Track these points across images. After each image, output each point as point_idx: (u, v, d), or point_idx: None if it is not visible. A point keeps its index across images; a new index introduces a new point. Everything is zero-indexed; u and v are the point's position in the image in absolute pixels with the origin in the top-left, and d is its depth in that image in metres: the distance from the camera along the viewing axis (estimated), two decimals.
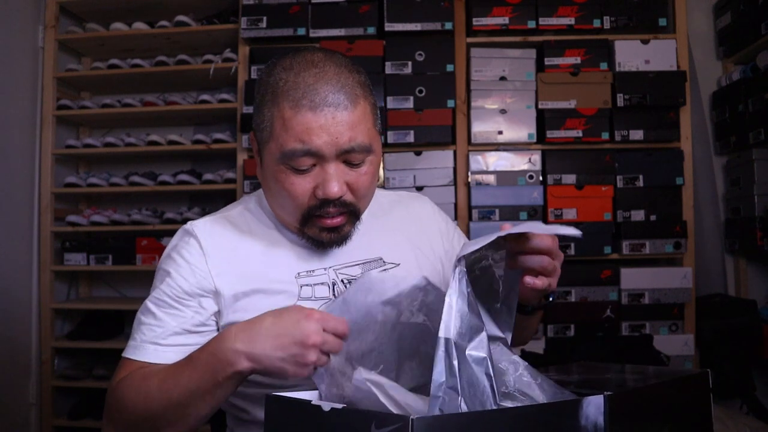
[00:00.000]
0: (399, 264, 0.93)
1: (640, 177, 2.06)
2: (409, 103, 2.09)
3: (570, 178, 2.07)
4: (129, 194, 2.47)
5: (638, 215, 2.05)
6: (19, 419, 2.24)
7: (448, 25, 2.11)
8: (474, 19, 2.10)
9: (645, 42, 2.09)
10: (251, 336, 0.70)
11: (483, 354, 0.60)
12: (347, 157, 0.80)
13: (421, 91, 2.09)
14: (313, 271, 0.89)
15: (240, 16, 2.16)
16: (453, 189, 2.09)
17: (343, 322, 0.70)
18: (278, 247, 0.90)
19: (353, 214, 0.85)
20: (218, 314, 0.86)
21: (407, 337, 0.76)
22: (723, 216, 2.30)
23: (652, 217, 2.05)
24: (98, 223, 2.34)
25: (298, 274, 0.88)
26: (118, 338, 2.38)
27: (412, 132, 2.07)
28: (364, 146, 0.81)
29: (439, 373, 0.57)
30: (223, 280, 0.85)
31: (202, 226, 0.90)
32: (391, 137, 2.07)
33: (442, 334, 0.59)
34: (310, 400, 0.61)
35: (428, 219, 1.02)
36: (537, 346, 2.00)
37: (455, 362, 0.58)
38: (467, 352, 0.59)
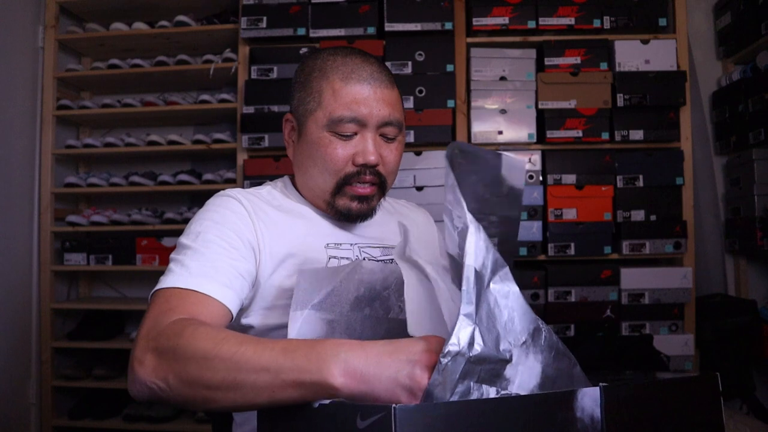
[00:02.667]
0: None
1: (640, 177, 2.06)
2: (409, 103, 2.09)
3: (570, 178, 2.07)
4: (129, 194, 2.47)
5: (638, 215, 2.05)
6: (19, 419, 2.25)
7: (448, 25, 2.11)
8: (474, 19, 2.10)
9: (645, 42, 2.09)
10: (356, 351, 0.60)
11: (508, 287, 0.57)
12: (384, 130, 0.92)
13: (421, 91, 2.09)
14: (340, 244, 0.94)
15: (240, 16, 2.16)
16: None
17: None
18: (307, 220, 0.95)
19: (381, 187, 0.94)
20: (255, 276, 0.87)
21: (395, 334, 0.74)
22: (723, 216, 2.30)
23: (652, 217, 2.05)
24: (98, 223, 2.34)
25: (327, 244, 0.93)
26: (118, 338, 2.38)
27: (412, 132, 2.07)
28: (399, 122, 0.94)
29: (467, 301, 0.53)
30: (264, 240, 0.88)
31: (239, 192, 0.93)
32: None
33: (470, 262, 0.54)
34: None
35: (429, 230, 1.13)
36: None
37: (474, 293, 0.54)
38: (492, 285, 0.56)
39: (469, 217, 0.57)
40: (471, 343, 0.53)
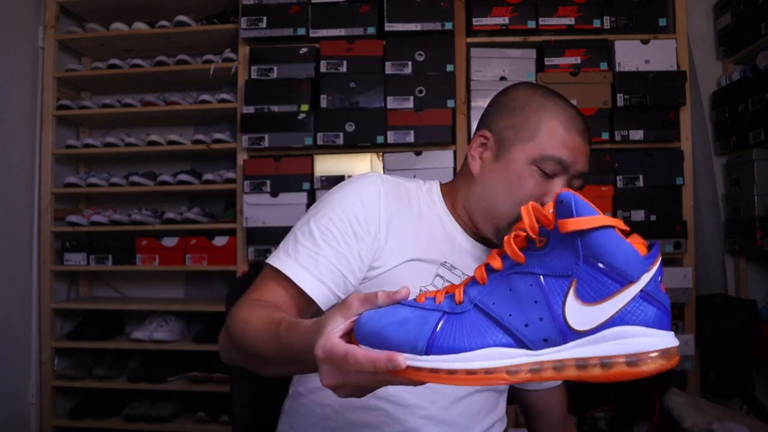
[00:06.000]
0: None
1: (640, 177, 2.06)
2: (409, 103, 2.08)
3: None
4: (129, 194, 2.46)
5: (638, 215, 2.05)
6: (19, 419, 2.24)
7: (448, 25, 2.10)
8: (474, 19, 2.10)
9: (645, 42, 2.09)
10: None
11: None
12: (573, 181, 0.92)
13: (421, 91, 2.08)
14: (455, 268, 0.94)
15: (240, 16, 2.16)
16: None
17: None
18: (438, 230, 0.96)
19: None
20: (370, 267, 0.90)
21: None
22: (723, 216, 2.30)
23: (652, 217, 2.05)
24: (98, 223, 2.33)
25: (444, 263, 0.93)
26: (118, 338, 2.38)
27: (412, 132, 2.07)
28: (585, 176, 0.94)
29: None
30: (387, 235, 0.90)
31: (384, 178, 0.96)
32: (391, 137, 2.07)
33: None
34: None
35: None
36: None
37: None
38: None
39: None
40: None
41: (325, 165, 2.12)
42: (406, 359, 0.52)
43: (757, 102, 2.05)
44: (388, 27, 2.10)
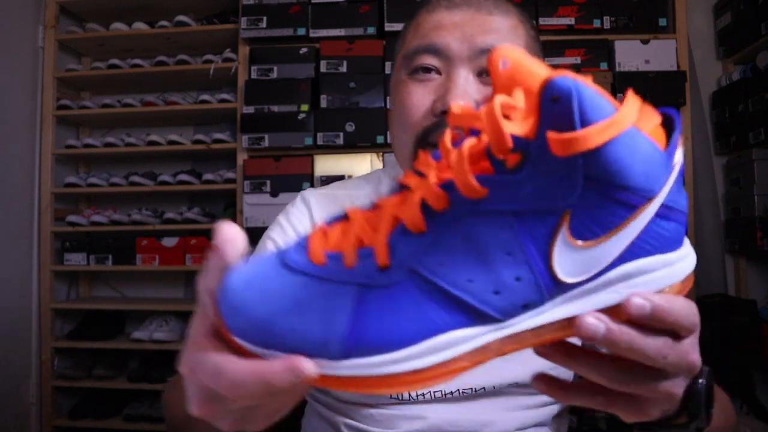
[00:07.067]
0: None
1: None
2: None
3: None
4: (129, 194, 2.46)
5: None
6: (19, 419, 2.25)
7: None
8: None
9: (645, 42, 2.09)
10: None
11: None
12: (483, 63, 0.63)
13: None
14: None
15: (240, 16, 2.16)
16: None
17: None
18: None
19: None
20: None
21: None
22: (723, 216, 2.30)
23: None
24: (98, 223, 2.33)
25: None
26: (118, 338, 2.38)
27: None
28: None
29: None
30: None
31: (318, 198, 0.78)
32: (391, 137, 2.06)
33: None
34: None
35: None
36: None
37: None
38: None
39: None
40: None
41: (325, 165, 2.12)
42: (316, 366, 0.31)
43: (757, 102, 2.05)
44: (388, 27, 2.10)
